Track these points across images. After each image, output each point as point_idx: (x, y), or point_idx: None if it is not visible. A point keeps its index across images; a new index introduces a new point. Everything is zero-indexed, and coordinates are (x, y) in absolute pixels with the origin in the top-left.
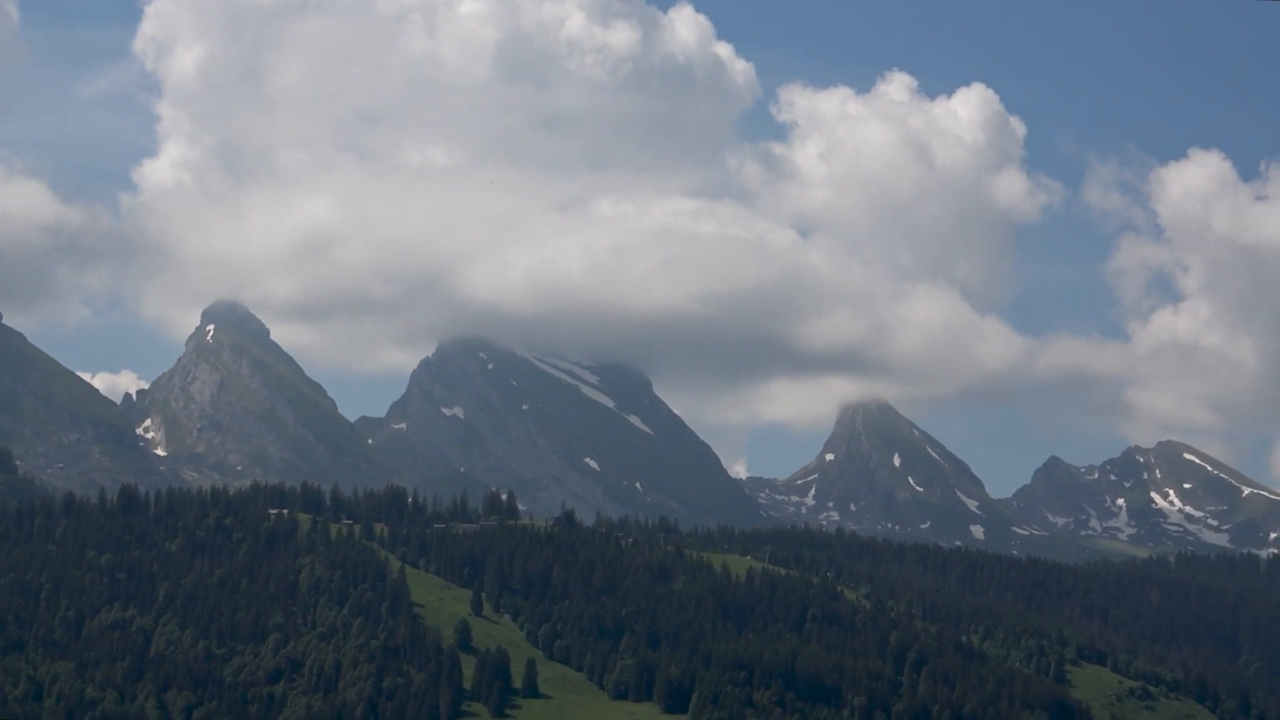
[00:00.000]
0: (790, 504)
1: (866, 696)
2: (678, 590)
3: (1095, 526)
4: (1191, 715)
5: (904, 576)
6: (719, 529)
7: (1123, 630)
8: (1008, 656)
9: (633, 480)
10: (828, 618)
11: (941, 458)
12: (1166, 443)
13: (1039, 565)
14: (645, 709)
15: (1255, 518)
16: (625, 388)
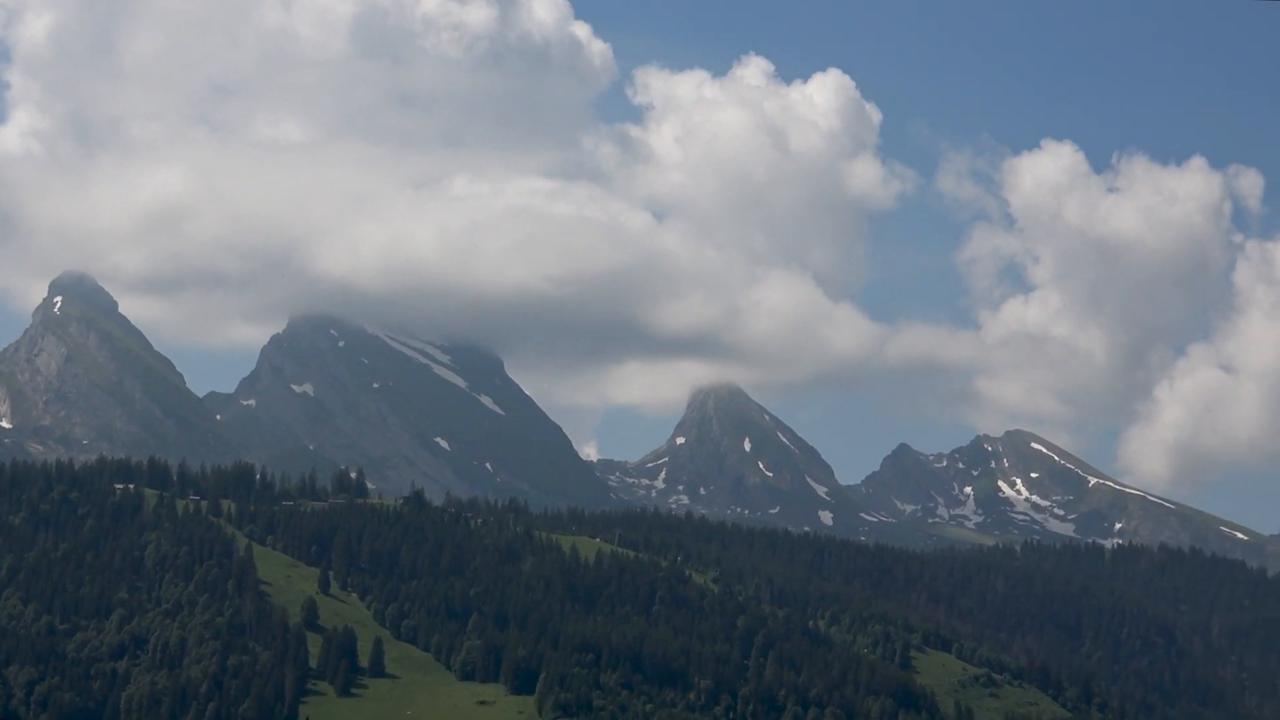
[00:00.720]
0: (640, 487)
1: (713, 680)
2: (526, 572)
3: (943, 514)
4: (1034, 703)
5: (752, 561)
6: (569, 511)
7: (968, 618)
8: (854, 642)
9: (483, 461)
10: (676, 601)
11: (792, 443)
12: (1015, 432)
13: (886, 552)
14: (492, 690)
15: (1101, 508)
16: (477, 367)
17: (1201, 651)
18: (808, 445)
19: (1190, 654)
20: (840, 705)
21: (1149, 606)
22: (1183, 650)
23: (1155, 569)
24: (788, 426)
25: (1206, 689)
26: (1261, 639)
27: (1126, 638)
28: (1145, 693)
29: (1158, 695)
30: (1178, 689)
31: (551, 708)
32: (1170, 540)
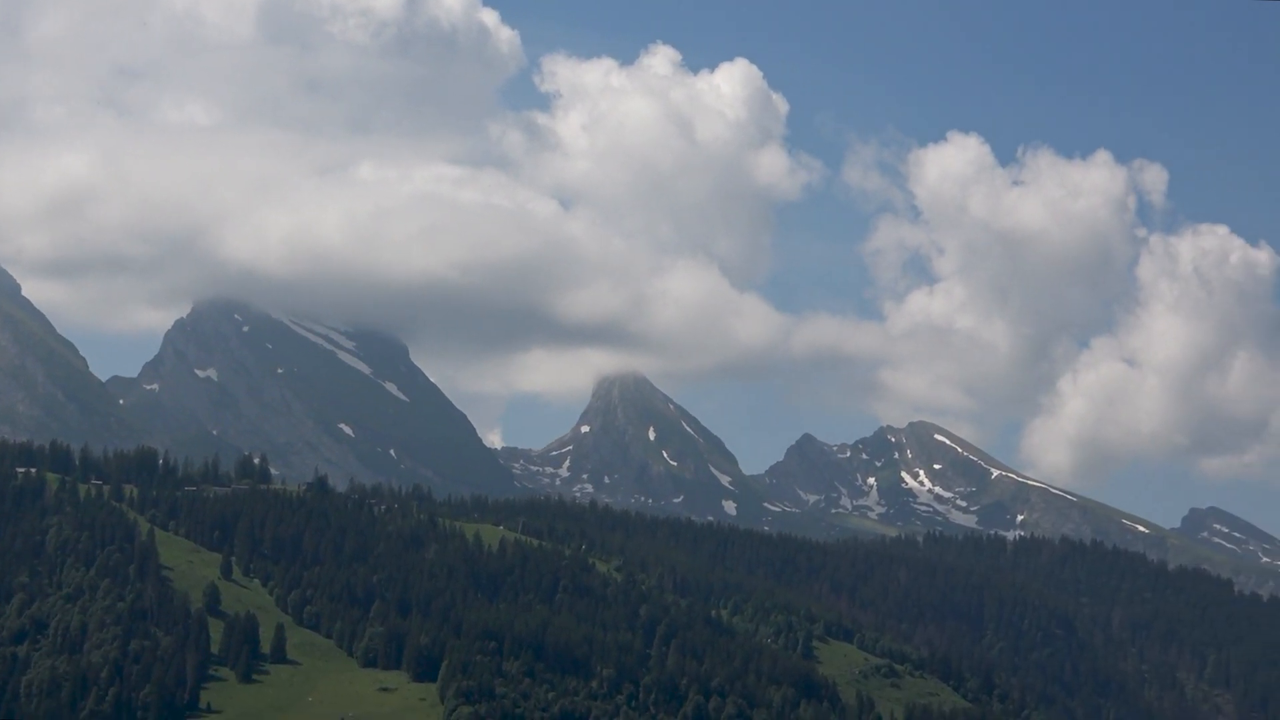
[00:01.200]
0: (544, 475)
1: (615, 668)
2: (429, 559)
3: (846, 505)
4: (935, 694)
5: (655, 550)
6: (472, 498)
7: (870, 608)
8: (756, 632)
9: (387, 447)
10: (579, 589)
11: (696, 433)
12: (918, 423)
13: (789, 542)
14: (394, 677)
15: (1003, 499)
16: (382, 354)
17: (1102, 644)
18: (712, 435)
19: (1091, 646)
20: (742, 695)
21: (1050, 598)
22: (1083, 642)
23: (1057, 561)
24: (692, 416)
25: (1107, 681)
26: (1161, 632)
27: (1027, 629)
28: (1046, 684)
29: (1058, 687)
30: (1078, 681)
31: (453, 695)
32: (1072, 533)
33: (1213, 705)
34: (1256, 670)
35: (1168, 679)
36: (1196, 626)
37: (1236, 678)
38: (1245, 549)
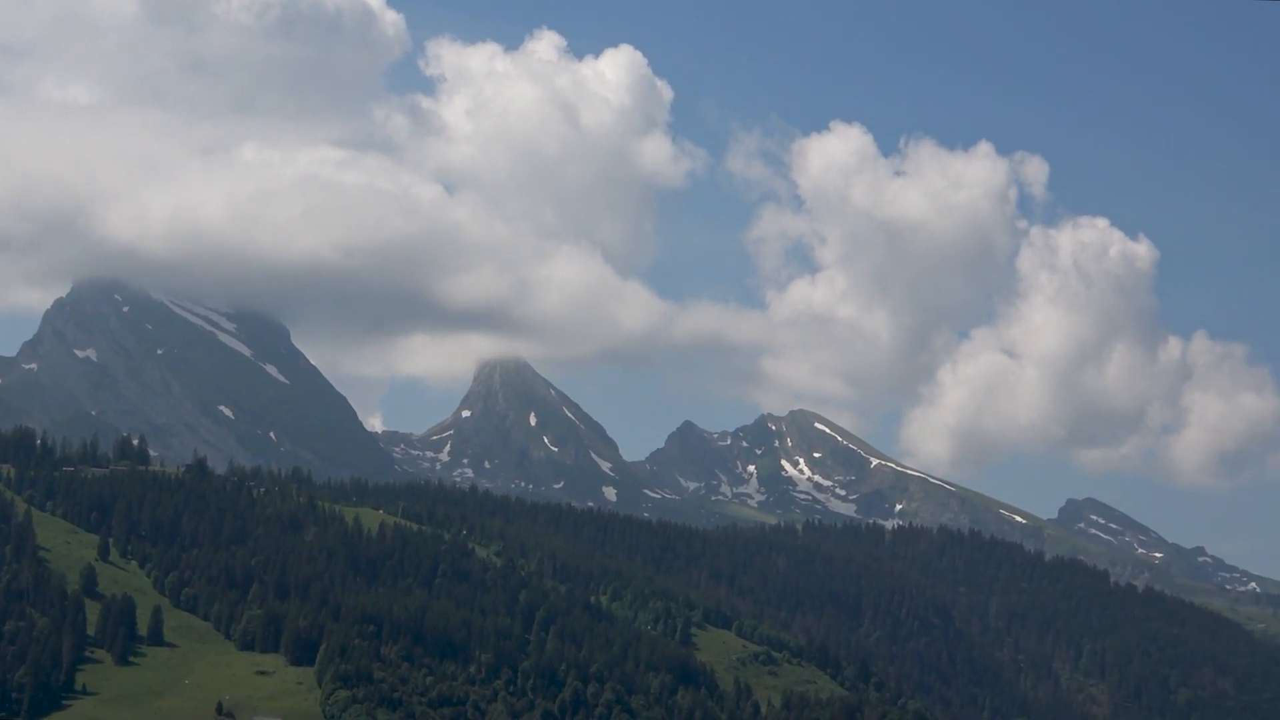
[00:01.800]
0: (425, 459)
1: (494, 653)
2: (308, 542)
3: (726, 492)
4: (812, 681)
5: (535, 535)
6: (352, 482)
7: (749, 595)
8: (635, 618)
9: (267, 430)
10: (458, 574)
11: (577, 418)
12: (798, 412)
13: (669, 529)
14: (272, 660)
15: (882, 488)
16: (263, 336)
17: (978, 633)
18: (593, 421)
19: (967, 635)
20: (620, 680)
21: (928, 587)
22: (960, 631)
23: (934, 550)
24: (574, 402)
25: (983, 670)
26: (1037, 622)
27: (905, 618)
28: (922, 673)
29: (934, 675)
30: (954, 669)
31: (331, 679)
32: (950, 522)
33: (1087, 695)
34: (1131, 661)
35: (1043, 669)
36: (1072, 617)
37: (1111, 668)
38: (1121, 540)
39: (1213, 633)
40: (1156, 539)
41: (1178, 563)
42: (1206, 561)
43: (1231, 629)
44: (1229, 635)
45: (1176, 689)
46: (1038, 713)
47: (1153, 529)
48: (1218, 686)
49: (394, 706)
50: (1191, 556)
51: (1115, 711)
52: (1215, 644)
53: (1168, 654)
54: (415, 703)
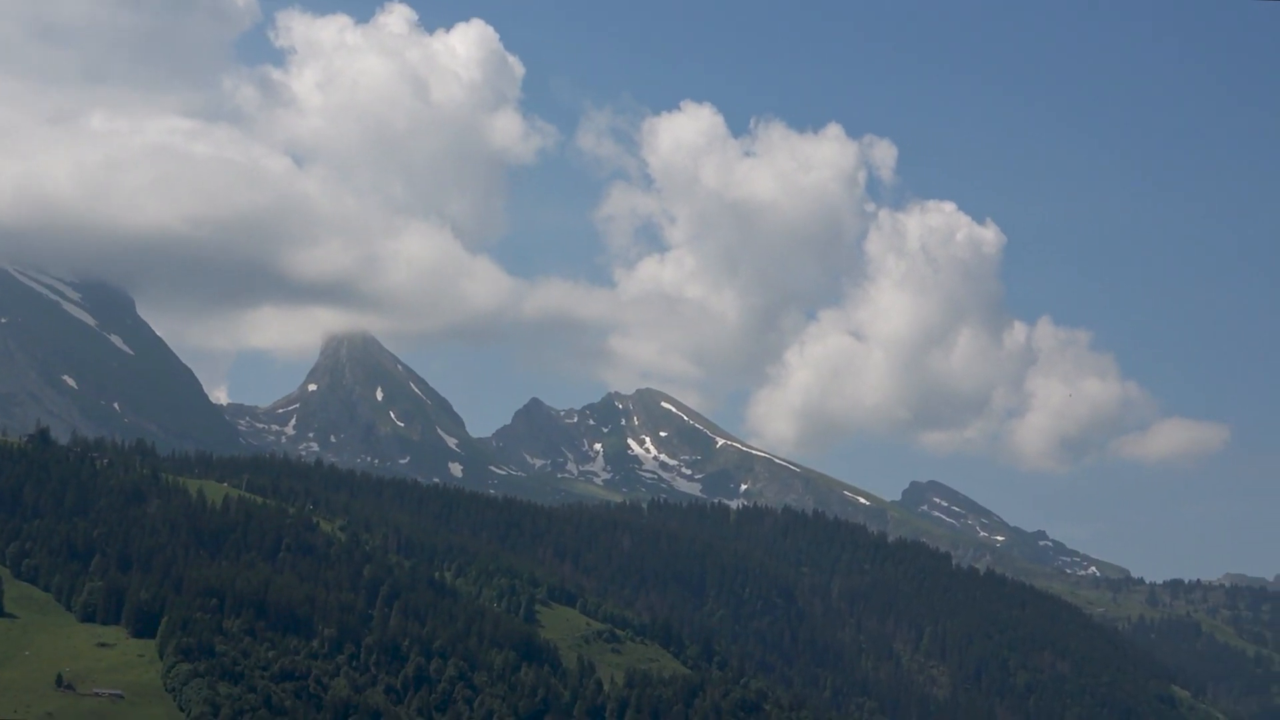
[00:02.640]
0: (270, 433)
1: (337, 628)
2: (151, 514)
3: (572, 470)
4: (655, 659)
5: (381, 511)
6: (196, 454)
7: (593, 574)
8: (480, 595)
9: (111, 401)
10: (302, 548)
11: (424, 394)
12: (645, 391)
13: (515, 506)
14: (113, 632)
15: (727, 468)
16: (108, 306)
17: (821, 613)
18: (440, 397)
19: (810, 615)
20: (463, 657)
21: (771, 567)
22: (803, 611)
23: (778, 531)
24: (421, 377)
25: (825, 650)
26: (880, 603)
27: (748, 597)
28: (765, 652)
29: (777, 655)
30: (797, 649)
31: (173, 652)
32: (794, 503)
33: (928, 676)
34: (972, 642)
35: (884, 650)
36: (914, 599)
37: (952, 650)
38: (964, 523)
39: (1052, 616)
40: (999, 522)
41: (1019, 546)
42: (1047, 545)
43: (1071, 612)
44: (1068, 619)
45: (1016, 671)
46: (878, 693)
47: (995, 512)
48: (1057, 669)
49: (236, 680)
50: (1033, 540)
51: (955, 693)
52: (1055, 627)
53: (1008, 636)
54: (257, 677)
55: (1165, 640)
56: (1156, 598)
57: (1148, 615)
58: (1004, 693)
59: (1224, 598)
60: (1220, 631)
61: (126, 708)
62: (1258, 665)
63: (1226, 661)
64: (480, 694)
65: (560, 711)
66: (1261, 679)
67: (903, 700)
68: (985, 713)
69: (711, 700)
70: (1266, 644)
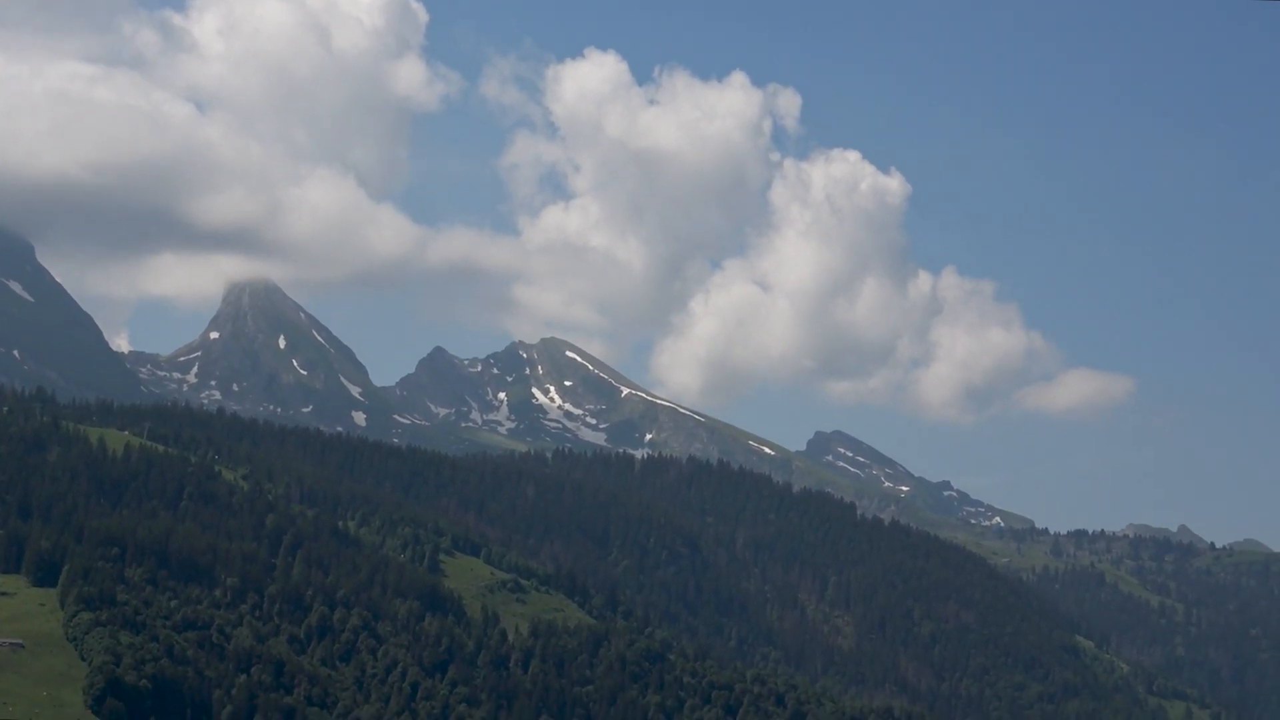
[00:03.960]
0: (172, 381)
1: (240, 577)
2: (52, 462)
3: (476, 419)
4: (560, 609)
5: (284, 459)
6: (97, 402)
7: (498, 523)
8: (383, 544)
9: (10, 348)
10: (205, 497)
11: (327, 342)
12: (550, 340)
13: (419, 455)
14: (13, 581)
15: (632, 418)
16: (6, 252)
17: (725, 563)
18: (343, 345)
19: (715, 565)
20: (367, 606)
21: (676, 517)
22: (707, 561)
23: (683, 480)
24: (324, 325)
25: (729, 599)
26: (784, 552)
27: (653, 547)
28: (669, 602)
29: (681, 605)
30: (701, 599)
31: (74, 601)
32: (699, 452)
33: (833, 626)
34: (876, 592)
35: (789, 599)
36: (819, 548)
37: (856, 599)
38: (868, 473)
39: (957, 566)
40: (903, 472)
41: (924, 496)
42: (952, 495)
43: (975, 563)
44: (973, 569)
45: (920, 621)
46: (783, 643)
47: (900, 462)
48: (961, 619)
49: (138, 630)
50: (937, 490)
51: (859, 642)
52: (959, 577)
53: (912, 586)
54: (159, 626)
55: (1069, 590)
56: (1061, 548)
57: (1052, 566)
58: (908, 642)
59: (1128, 548)
60: (1124, 582)
61: (27, 657)
62: (1161, 615)
63: (1130, 612)
64: (384, 644)
65: (465, 662)
66: (1165, 629)
67: (808, 649)
68: (889, 662)
69: (616, 650)
70: (1170, 594)
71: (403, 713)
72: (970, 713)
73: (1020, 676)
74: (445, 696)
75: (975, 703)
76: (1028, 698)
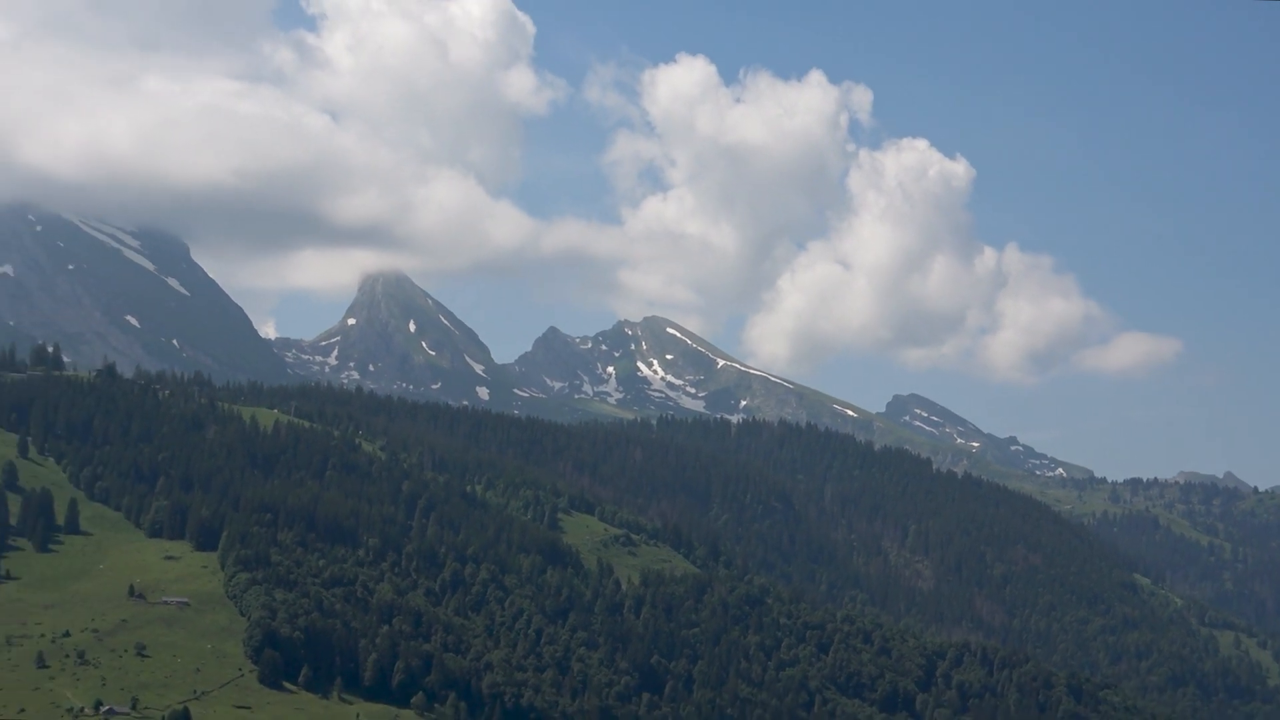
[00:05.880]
0: (315, 363)
1: (380, 538)
2: (210, 439)
3: (588, 391)
4: (667, 560)
5: (416, 432)
6: (249, 384)
7: (609, 484)
8: (507, 505)
9: (170, 337)
10: (347, 467)
11: (453, 325)
12: (652, 318)
13: (537, 424)
14: (178, 546)
15: (728, 386)
16: (165, 251)
17: (815, 516)
18: (467, 327)
19: (805, 518)
20: (494, 561)
21: (769, 475)
22: (799, 515)
23: (775, 442)
24: (449, 310)
25: (819, 549)
26: (868, 505)
27: (750, 503)
28: (766, 552)
29: (776, 554)
30: (794, 549)
31: (233, 563)
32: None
33: (913, 570)
34: (951, 539)
35: (873, 547)
36: (899, 500)
37: (934, 546)
38: (942, 431)
39: (1024, 513)
40: (974, 429)
41: (993, 451)
42: (1018, 450)
43: (1040, 510)
44: (1038, 515)
45: (993, 564)
46: (869, 586)
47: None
48: (1029, 561)
49: (290, 587)
50: (1005, 445)
51: (938, 584)
52: (1026, 523)
53: (984, 533)
54: (309, 583)
55: (1126, 533)
56: (1118, 495)
57: (1110, 511)
58: (982, 583)
59: (1179, 494)
60: (1176, 524)
61: (192, 614)
62: (1210, 554)
63: (1182, 551)
64: (510, 594)
65: (583, 609)
66: (1214, 566)
67: (891, 592)
68: (965, 601)
69: (719, 596)
70: (1218, 534)
71: (529, 656)
72: (1039, 645)
73: (1084, 611)
74: (566, 640)
75: (1044, 636)
76: (1091, 630)
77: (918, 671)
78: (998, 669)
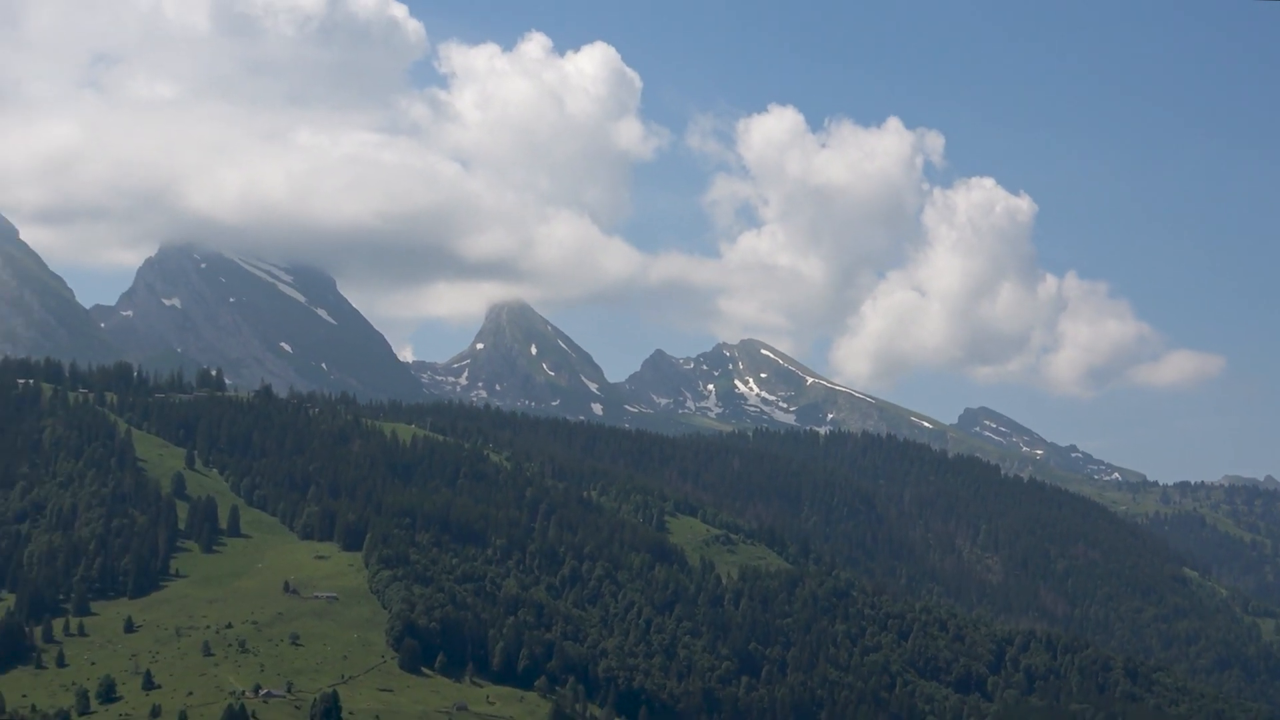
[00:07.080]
0: (447, 383)
1: (506, 539)
2: (355, 452)
3: (691, 407)
4: (763, 557)
5: (538, 444)
6: (389, 403)
7: (710, 489)
8: (619, 509)
9: (319, 361)
10: (476, 475)
11: (570, 349)
12: (748, 341)
13: (645, 437)
14: (327, 547)
15: (816, 401)
16: (314, 285)
17: (896, 517)
18: (583, 350)
19: (887, 519)
20: (608, 559)
21: (854, 481)
22: (881, 516)
23: (859, 451)
24: (567, 335)
25: (900, 547)
26: (943, 507)
27: (836, 505)
28: (851, 550)
29: (861, 551)
30: (877, 547)
31: (376, 562)
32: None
33: (984, 566)
34: (1019, 538)
35: (948, 545)
36: (971, 503)
37: (1003, 544)
38: (1009, 440)
39: (1083, 514)
40: (1038, 438)
41: (1055, 457)
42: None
43: (1098, 511)
44: (1096, 516)
45: (1056, 559)
46: (944, 580)
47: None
48: (1088, 557)
49: (427, 583)
50: (1066, 453)
51: (1006, 579)
52: (1086, 523)
53: (1048, 531)
54: (444, 579)
55: (1176, 531)
56: (1168, 497)
57: (1161, 511)
58: (1046, 577)
59: (1224, 495)
60: (1221, 523)
61: (340, 607)
62: (1253, 550)
63: (1227, 547)
64: (622, 589)
65: (688, 602)
66: (1256, 560)
67: (964, 585)
68: (1031, 593)
69: (809, 589)
70: (1260, 532)
71: (639, 643)
72: (1098, 632)
73: (1139, 602)
74: (672, 630)
75: (1102, 624)
76: (1145, 619)
77: (989, 656)
78: (1061, 654)
